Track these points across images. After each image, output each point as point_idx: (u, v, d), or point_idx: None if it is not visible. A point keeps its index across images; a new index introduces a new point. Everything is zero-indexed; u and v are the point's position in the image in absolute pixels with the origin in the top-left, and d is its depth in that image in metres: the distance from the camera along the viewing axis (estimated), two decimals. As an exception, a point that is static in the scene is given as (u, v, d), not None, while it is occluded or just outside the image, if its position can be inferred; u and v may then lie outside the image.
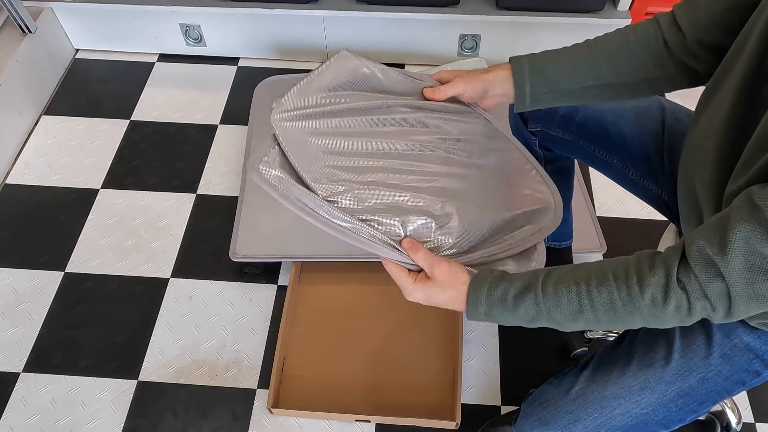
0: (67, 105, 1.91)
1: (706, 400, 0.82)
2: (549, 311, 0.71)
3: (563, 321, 0.71)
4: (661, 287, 0.66)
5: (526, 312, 0.72)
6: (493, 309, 0.74)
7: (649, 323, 0.69)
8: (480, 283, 0.75)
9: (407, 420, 1.28)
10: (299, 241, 1.46)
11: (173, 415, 1.33)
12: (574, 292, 0.70)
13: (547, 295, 0.71)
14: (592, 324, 0.71)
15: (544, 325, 0.73)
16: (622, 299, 0.67)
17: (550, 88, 0.88)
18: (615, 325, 0.70)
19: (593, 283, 0.69)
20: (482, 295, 0.74)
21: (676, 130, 0.97)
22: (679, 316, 0.66)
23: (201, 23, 1.92)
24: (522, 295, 0.72)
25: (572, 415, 0.85)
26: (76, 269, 1.55)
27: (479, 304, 0.75)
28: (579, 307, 0.69)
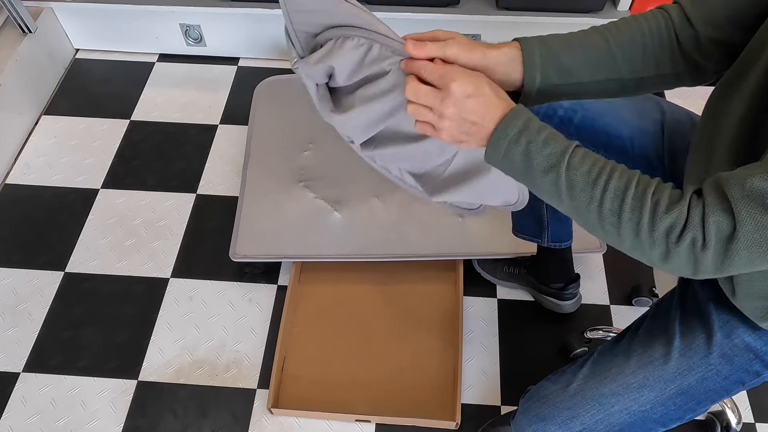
0: (67, 105, 1.90)
1: (705, 399, 0.82)
2: (569, 168, 0.65)
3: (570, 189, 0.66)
4: (670, 198, 0.62)
5: (548, 156, 0.66)
6: (523, 135, 0.67)
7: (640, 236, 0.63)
8: (524, 110, 0.70)
9: (407, 420, 1.28)
10: (299, 241, 1.46)
11: (173, 415, 1.33)
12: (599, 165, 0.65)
13: (577, 154, 0.66)
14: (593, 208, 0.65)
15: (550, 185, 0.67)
16: (635, 192, 0.63)
17: (563, 79, 0.81)
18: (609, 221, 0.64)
19: (620, 169, 0.65)
20: (522, 117, 0.68)
21: (676, 131, 0.97)
22: (668, 238, 0.61)
23: (201, 23, 1.92)
24: (555, 138, 0.67)
25: (570, 411, 0.85)
26: (76, 269, 1.55)
27: (514, 124, 0.68)
28: (595, 179, 0.64)
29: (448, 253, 1.45)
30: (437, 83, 0.69)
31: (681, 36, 0.80)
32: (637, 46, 0.80)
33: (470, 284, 1.49)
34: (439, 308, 1.45)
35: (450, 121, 0.69)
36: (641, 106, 1.00)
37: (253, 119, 1.70)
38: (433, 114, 0.70)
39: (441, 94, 0.68)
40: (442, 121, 0.70)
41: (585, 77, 0.82)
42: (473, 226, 1.48)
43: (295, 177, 1.57)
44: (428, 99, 0.69)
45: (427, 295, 1.48)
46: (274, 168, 1.59)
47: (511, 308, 1.48)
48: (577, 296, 1.44)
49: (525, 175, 0.69)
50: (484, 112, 0.69)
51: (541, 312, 1.46)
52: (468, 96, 0.68)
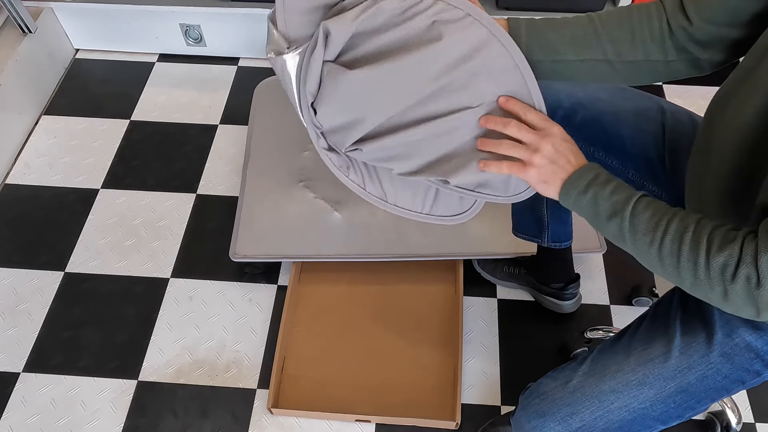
0: (67, 105, 1.91)
1: (705, 398, 0.82)
2: (633, 214, 0.71)
3: (633, 233, 0.71)
4: (725, 237, 0.64)
5: (613, 204, 0.73)
6: (591, 187, 0.74)
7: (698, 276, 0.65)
8: (596, 166, 0.77)
9: (407, 420, 1.28)
10: (299, 241, 1.46)
11: (173, 415, 1.33)
12: (662, 211, 0.70)
13: (641, 203, 0.71)
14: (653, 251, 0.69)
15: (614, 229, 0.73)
16: (694, 233, 0.66)
17: (546, 55, 0.86)
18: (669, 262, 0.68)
19: (683, 213, 0.69)
20: (593, 170, 0.76)
21: (677, 131, 0.97)
22: (723, 275, 0.63)
23: (201, 23, 1.92)
24: (621, 189, 0.73)
25: (570, 407, 0.85)
26: (76, 269, 1.55)
27: (586, 176, 0.76)
28: (657, 223, 0.69)
29: (448, 253, 1.45)
30: (539, 125, 0.79)
31: (673, 26, 0.80)
32: (624, 29, 0.83)
33: (470, 284, 1.49)
34: (439, 308, 1.45)
35: (543, 157, 0.77)
36: (641, 106, 1.00)
37: (253, 119, 1.70)
38: (527, 151, 0.77)
39: (542, 133, 0.78)
40: (535, 156, 0.77)
41: (569, 55, 0.85)
42: (473, 226, 1.48)
43: (295, 177, 1.57)
44: (528, 136, 0.78)
45: (427, 295, 1.48)
46: (274, 168, 1.59)
47: (511, 308, 1.48)
48: (577, 296, 1.44)
49: (593, 220, 0.76)
50: (573, 157, 0.78)
51: (541, 312, 1.46)
52: (565, 140, 0.78)
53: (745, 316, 0.66)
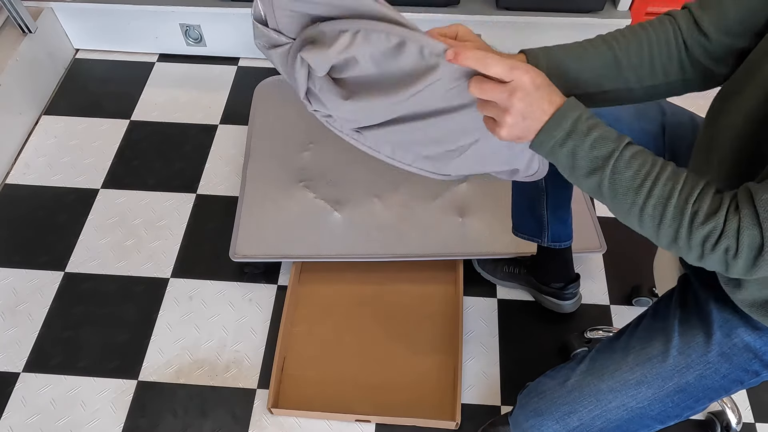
0: (67, 105, 1.91)
1: (703, 398, 0.82)
2: (614, 172, 0.66)
3: (613, 192, 0.67)
4: (709, 207, 0.64)
5: (593, 160, 0.67)
6: (570, 138, 0.67)
7: (677, 241, 0.66)
8: (575, 106, 0.69)
9: (407, 420, 1.28)
10: (299, 241, 1.46)
11: (173, 415, 1.33)
12: (645, 169, 0.66)
13: (623, 157, 0.66)
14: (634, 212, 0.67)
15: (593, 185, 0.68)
16: (678, 200, 0.65)
17: (567, 90, 0.80)
18: (649, 224, 0.67)
19: (667, 173, 0.66)
20: (572, 117, 0.67)
21: (677, 131, 0.97)
22: (704, 245, 0.64)
23: (201, 23, 1.92)
24: (603, 140, 0.67)
25: (568, 406, 0.85)
26: (76, 269, 1.55)
27: (563, 125, 0.67)
28: (639, 185, 0.66)
29: (448, 253, 1.45)
30: (506, 75, 0.66)
31: (689, 43, 0.79)
32: (644, 55, 0.80)
33: (470, 284, 1.49)
34: (439, 308, 1.45)
35: (514, 115, 0.67)
36: (642, 106, 1.00)
37: (253, 119, 1.70)
38: (497, 109, 0.68)
39: (509, 87, 0.66)
40: (506, 115, 0.67)
41: (591, 88, 0.82)
42: (473, 226, 1.48)
43: (295, 177, 1.57)
44: (495, 94, 0.67)
45: (427, 295, 1.48)
46: (274, 168, 1.59)
47: (511, 308, 1.48)
48: (577, 296, 1.44)
49: (569, 174, 0.70)
50: (547, 104, 0.68)
51: (541, 312, 1.46)
52: (538, 87, 0.67)
53: (711, 269, 0.68)
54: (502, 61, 0.65)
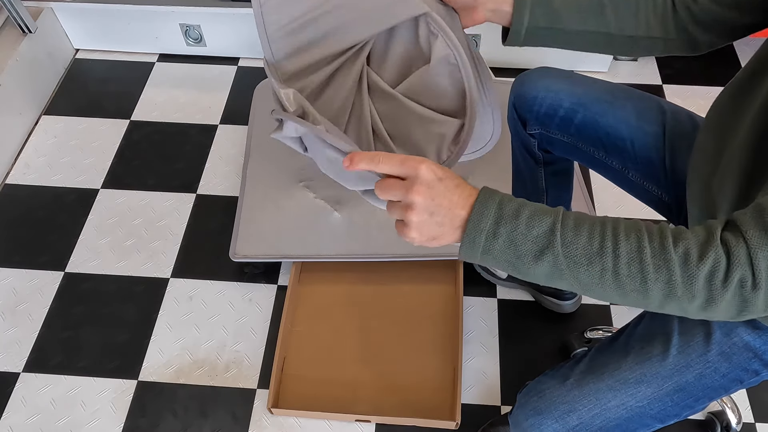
0: (67, 105, 1.91)
1: (703, 397, 0.83)
2: (564, 246, 0.59)
3: (573, 266, 0.59)
4: (698, 243, 0.56)
5: (536, 240, 0.59)
6: (501, 224, 0.60)
7: (673, 293, 0.57)
8: (492, 192, 0.62)
9: (407, 420, 1.28)
10: (299, 241, 1.46)
11: (173, 415, 1.33)
12: (598, 230, 0.59)
13: (567, 226, 0.59)
14: (607, 279, 0.58)
15: (548, 269, 0.60)
16: (652, 249, 0.57)
17: (550, 22, 0.83)
18: (630, 288, 0.58)
19: (622, 227, 0.59)
20: (493, 202, 0.61)
21: (678, 131, 0.97)
22: (711, 284, 0.55)
23: (201, 23, 1.92)
24: (538, 216, 0.60)
25: (567, 405, 0.85)
26: (76, 269, 1.55)
27: (487, 213, 0.60)
28: (600, 248, 0.58)
29: (448, 253, 1.45)
30: (397, 170, 0.62)
31: (678, 4, 0.81)
32: (630, 3, 0.82)
33: (470, 284, 1.49)
34: (439, 308, 1.45)
35: (418, 214, 0.61)
36: (641, 106, 1.00)
37: (253, 119, 1.70)
38: (400, 209, 0.62)
39: (408, 182, 0.61)
40: (410, 213, 0.61)
41: (572, 25, 0.83)
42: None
43: (295, 177, 1.57)
44: (394, 191, 0.62)
45: (427, 295, 1.48)
46: (274, 168, 1.59)
47: (511, 308, 1.48)
48: (577, 296, 1.44)
49: (514, 266, 0.61)
50: (457, 196, 0.61)
51: (541, 312, 1.46)
52: (440, 179, 0.61)
53: (717, 319, 0.60)
54: (393, 157, 0.61)
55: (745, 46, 2.00)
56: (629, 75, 1.96)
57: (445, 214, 0.61)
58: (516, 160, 1.20)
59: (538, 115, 1.04)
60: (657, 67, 1.98)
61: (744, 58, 1.98)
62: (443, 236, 0.63)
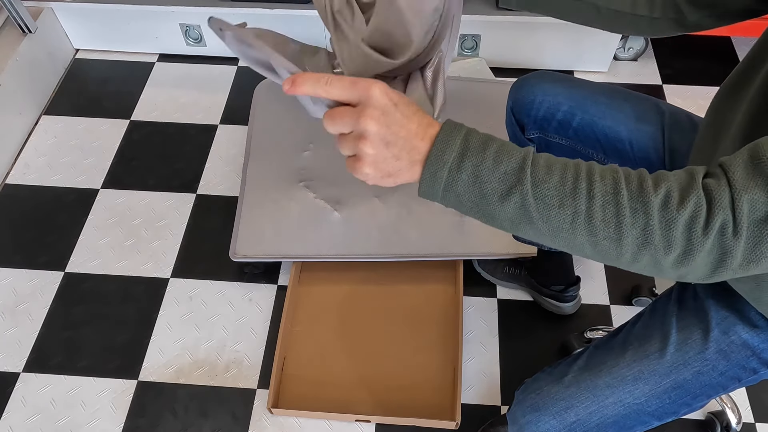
0: (67, 105, 1.91)
1: (701, 394, 0.83)
2: (534, 184, 0.53)
3: (543, 207, 0.53)
4: (680, 186, 0.52)
5: (503, 177, 0.53)
6: (467, 157, 0.53)
7: (650, 240, 0.52)
8: (457, 123, 0.55)
9: (407, 420, 1.28)
10: (299, 241, 1.46)
11: (173, 415, 1.33)
12: (572, 171, 0.53)
13: (538, 164, 0.54)
14: (579, 224, 0.53)
15: (515, 210, 0.54)
16: (629, 191, 0.52)
17: None
18: (604, 235, 0.53)
19: (597, 169, 0.54)
20: (459, 133, 0.54)
21: (676, 131, 0.97)
22: (691, 231, 0.51)
23: (201, 23, 1.93)
24: (507, 151, 0.54)
25: (564, 402, 0.85)
26: (76, 269, 1.55)
27: (452, 144, 0.53)
28: (573, 188, 0.53)
29: (448, 253, 1.45)
30: (348, 93, 0.54)
31: None
32: None
33: (470, 284, 1.49)
34: (439, 308, 1.45)
35: (373, 144, 0.53)
36: (640, 107, 1.00)
37: (253, 119, 1.70)
38: (352, 141, 0.54)
39: (359, 108, 0.53)
40: (363, 144, 0.53)
41: None
42: (473, 226, 1.48)
43: (295, 177, 1.57)
44: (344, 118, 0.54)
45: (427, 295, 1.48)
46: (274, 168, 1.59)
47: (511, 308, 1.48)
48: (577, 298, 1.44)
49: (478, 206, 0.55)
50: (416, 124, 0.54)
51: (541, 312, 1.46)
52: (395, 104, 0.54)
53: (691, 279, 0.55)
54: (342, 78, 0.53)
55: (744, 46, 2.01)
56: (629, 75, 1.96)
57: (403, 145, 0.54)
58: None
59: (536, 119, 1.04)
60: (657, 67, 1.98)
61: (744, 58, 1.98)
62: (400, 173, 0.55)
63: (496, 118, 1.03)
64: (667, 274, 0.55)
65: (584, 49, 1.90)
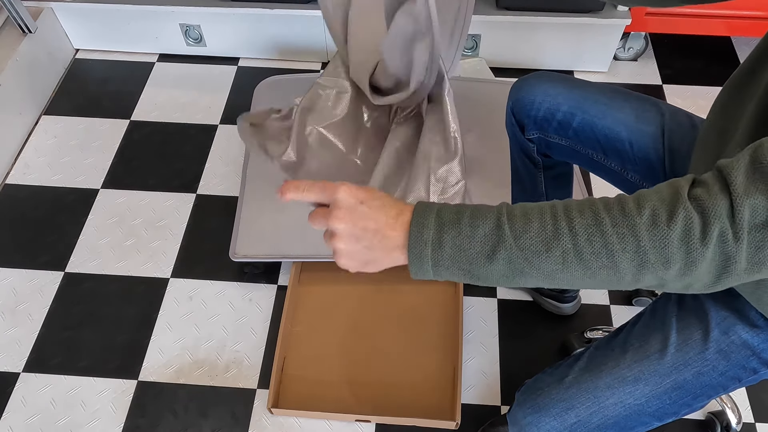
0: (67, 105, 1.91)
1: (701, 395, 0.83)
2: (516, 237, 0.54)
3: (531, 256, 0.54)
4: (666, 202, 0.52)
5: (484, 240, 0.55)
6: (444, 231, 0.56)
7: (645, 261, 0.52)
8: (427, 205, 0.58)
9: (407, 420, 1.28)
10: (299, 241, 1.46)
11: (173, 415, 1.33)
12: (548, 213, 0.54)
13: (514, 217, 0.55)
14: (570, 262, 0.54)
15: (505, 267, 0.55)
16: (612, 218, 0.52)
17: None
18: (597, 266, 0.53)
19: (574, 205, 0.55)
20: (431, 212, 0.57)
21: (676, 132, 0.97)
22: (688, 244, 0.51)
23: (201, 23, 1.93)
24: (481, 215, 0.56)
25: (565, 403, 0.85)
26: (76, 269, 1.55)
27: (427, 224, 0.56)
28: (554, 230, 0.53)
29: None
30: (323, 197, 0.60)
31: None
32: None
33: (470, 284, 1.49)
34: (439, 308, 1.45)
35: (343, 240, 0.58)
36: (639, 107, 1.00)
37: (253, 119, 1.70)
38: (328, 239, 0.60)
39: (329, 209, 0.59)
40: (334, 241, 0.59)
41: None
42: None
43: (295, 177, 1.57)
44: (319, 219, 0.60)
45: (427, 295, 1.48)
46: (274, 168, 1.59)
47: (511, 308, 1.48)
48: (577, 298, 1.44)
49: (470, 273, 0.57)
50: (384, 216, 0.58)
51: (541, 312, 1.46)
52: (361, 201, 0.58)
53: (695, 290, 0.55)
54: (314, 184, 0.59)
55: (744, 46, 2.01)
56: (629, 75, 1.96)
57: (372, 236, 0.58)
58: (515, 165, 1.20)
59: (536, 120, 1.04)
60: (657, 68, 1.98)
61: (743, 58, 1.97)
62: (377, 260, 0.60)
63: (496, 118, 1.03)
64: (673, 287, 0.55)
65: (584, 49, 1.90)
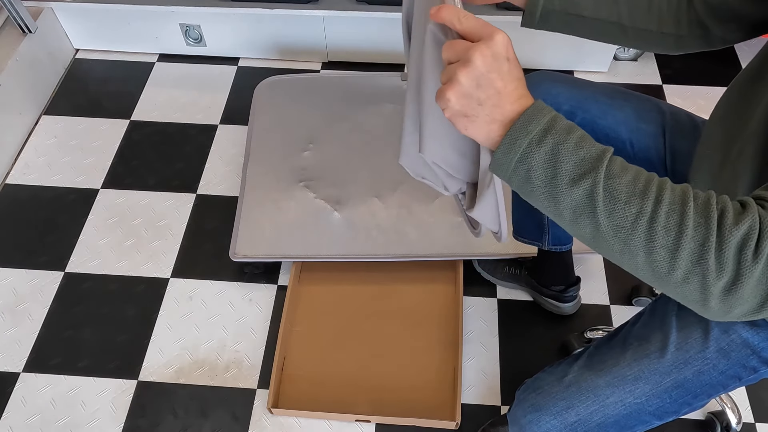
0: (67, 105, 1.91)
1: (701, 393, 0.83)
2: (608, 175, 0.53)
3: (610, 200, 0.53)
4: (734, 206, 0.52)
5: (580, 162, 0.53)
6: (550, 134, 0.54)
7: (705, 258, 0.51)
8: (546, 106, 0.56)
9: (407, 420, 1.28)
10: (299, 241, 1.46)
11: (173, 415, 1.33)
12: (645, 175, 0.54)
13: (615, 161, 0.54)
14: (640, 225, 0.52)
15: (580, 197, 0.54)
16: (696, 205, 0.52)
17: (564, 7, 0.83)
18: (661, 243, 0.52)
19: (669, 181, 0.55)
20: (549, 111, 0.55)
21: (677, 132, 0.97)
22: (742, 254, 0.50)
23: (201, 23, 1.92)
24: (589, 140, 0.55)
25: (565, 401, 0.85)
26: (76, 269, 1.55)
27: (539, 118, 0.54)
28: (644, 188, 0.53)
29: (448, 253, 1.45)
30: (480, 31, 0.55)
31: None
32: None
33: (470, 284, 1.49)
34: (439, 308, 1.45)
35: (468, 75, 0.54)
36: (640, 107, 1.00)
37: (253, 119, 1.70)
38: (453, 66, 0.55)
39: (476, 43, 0.54)
40: (461, 70, 0.54)
41: (586, 11, 0.83)
42: (473, 226, 1.48)
43: (295, 177, 1.57)
44: (460, 47, 0.55)
45: (427, 295, 1.48)
46: (274, 168, 1.59)
47: (511, 308, 1.48)
48: (577, 298, 1.44)
49: (546, 186, 0.55)
50: (513, 87, 0.55)
51: (541, 312, 1.46)
52: (508, 59, 0.55)
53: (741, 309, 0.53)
54: (476, 18, 0.56)
55: (745, 47, 2.00)
56: (629, 75, 1.96)
57: (491, 95, 0.54)
58: None
59: None
60: (657, 67, 1.98)
61: (744, 59, 1.97)
62: (475, 121, 0.55)
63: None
64: (713, 305, 0.53)
65: (584, 49, 1.90)
